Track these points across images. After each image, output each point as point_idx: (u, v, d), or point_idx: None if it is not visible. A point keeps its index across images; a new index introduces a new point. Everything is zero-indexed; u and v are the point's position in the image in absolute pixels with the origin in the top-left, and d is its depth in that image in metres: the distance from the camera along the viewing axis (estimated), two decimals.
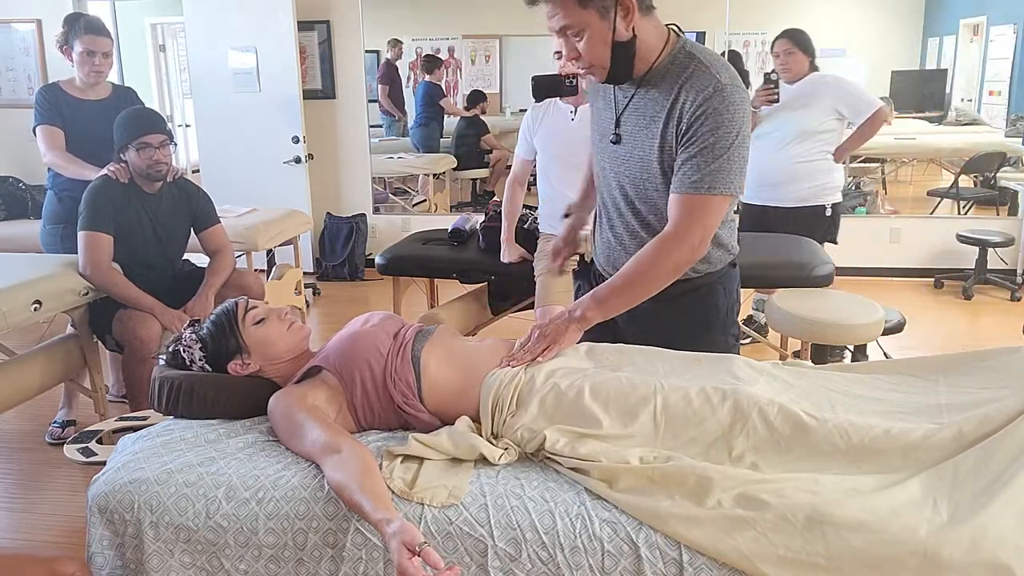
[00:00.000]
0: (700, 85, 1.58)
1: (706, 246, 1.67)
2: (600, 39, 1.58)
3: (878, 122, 3.53)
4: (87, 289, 2.78)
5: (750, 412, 1.42)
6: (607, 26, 1.57)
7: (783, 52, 3.59)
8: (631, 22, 1.58)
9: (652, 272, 1.67)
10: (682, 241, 1.63)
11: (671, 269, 1.67)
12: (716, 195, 1.60)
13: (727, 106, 1.57)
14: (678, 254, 1.64)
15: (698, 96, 1.58)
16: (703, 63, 1.61)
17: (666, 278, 1.68)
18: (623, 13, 1.56)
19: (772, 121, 3.64)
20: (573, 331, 1.68)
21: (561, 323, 1.68)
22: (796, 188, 3.65)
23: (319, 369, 1.63)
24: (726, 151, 1.58)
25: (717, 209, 1.63)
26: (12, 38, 5.61)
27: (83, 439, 2.03)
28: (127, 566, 1.43)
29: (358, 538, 1.35)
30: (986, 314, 4.78)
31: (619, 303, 1.70)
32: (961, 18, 5.66)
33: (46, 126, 3.16)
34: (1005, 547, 1.16)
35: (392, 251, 3.40)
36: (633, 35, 1.59)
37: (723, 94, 1.57)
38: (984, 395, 1.47)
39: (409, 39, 6.13)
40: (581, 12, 1.55)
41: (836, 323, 2.85)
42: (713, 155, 1.58)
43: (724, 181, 1.60)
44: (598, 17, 1.56)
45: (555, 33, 1.62)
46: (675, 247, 1.64)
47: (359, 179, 5.99)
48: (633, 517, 1.31)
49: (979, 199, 5.69)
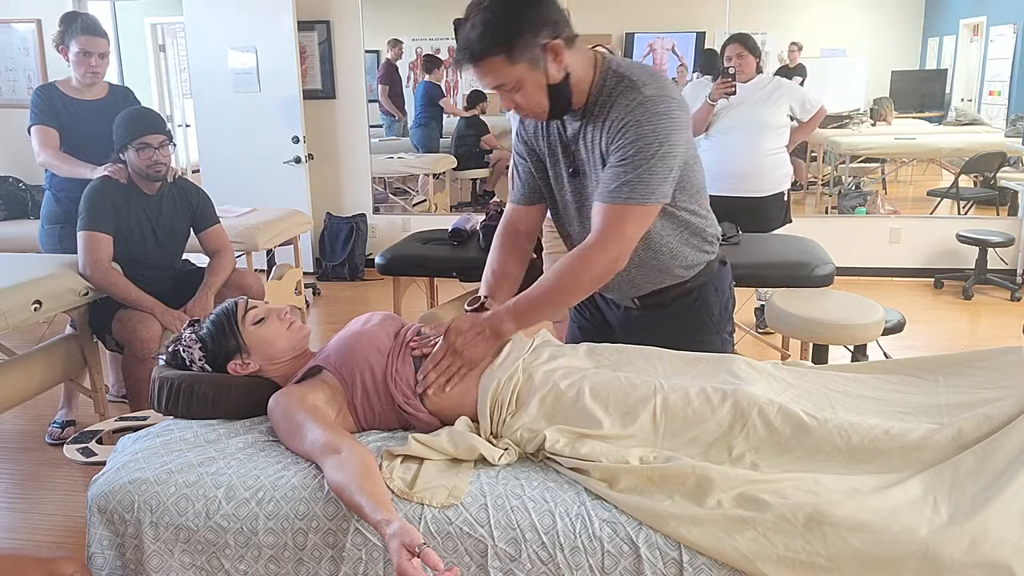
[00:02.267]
0: (625, 101, 1.57)
1: (626, 257, 1.63)
2: (536, 88, 1.58)
3: (819, 119, 4.11)
4: (87, 289, 2.77)
5: (750, 412, 1.42)
6: (540, 74, 1.56)
7: (735, 55, 3.90)
8: (561, 62, 1.57)
9: (572, 284, 1.64)
10: (601, 252, 1.60)
11: (590, 280, 1.64)
12: (634, 205, 1.57)
13: (648, 117, 1.55)
14: (597, 265, 1.61)
15: (623, 110, 1.57)
16: (629, 79, 1.59)
17: (586, 289, 1.66)
18: (552, 57, 1.55)
19: (733, 118, 3.93)
20: (485, 346, 1.60)
21: (471, 334, 1.60)
22: (766, 179, 4.01)
23: (319, 369, 1.63)
24: (647, 161, 1.55)
25: (637, 219, 1.60)
26: (12, 38, 5.61)
27: (83, 439, 2.03)
28: (127, 566, 1.43)
29: (358, 538, 1.35)
30: (986, 314, 4.78)
31: (537, 315, 1.66)
32: (961, 18, 5.66)
33: (41, 126, 3.15)
34: (1005, 547, 1.16)
35: (392, 251, 3.39)
36: (566, 73, 1.59)
37: (645, 106, 1.55)
38: (984, 395, 1.47)
39: (409, 39, 6.13)
40: (512, 69, 1.54)
41: (836, 323, 2.86)
42: (633, 165, 1.56)
43: (643, 191, 1.57)
44: (529, 69, 1.55)
45: (491, 90, 1.61)
46: (595, 258, 1.60)
47: (359, 179, 5.99)
48: (633, 517, 1.31)
49: (979, 199, 5.69)
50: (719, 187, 3.87)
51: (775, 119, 3.93)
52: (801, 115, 4.01)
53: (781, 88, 3.97)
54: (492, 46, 1.51)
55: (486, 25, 1.51)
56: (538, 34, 1.52)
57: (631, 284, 1.81)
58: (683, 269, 1.79)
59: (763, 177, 3.98)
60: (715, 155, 3.94)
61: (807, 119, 4.03)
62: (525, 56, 1.53)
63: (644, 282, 1.80)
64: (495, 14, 1.51)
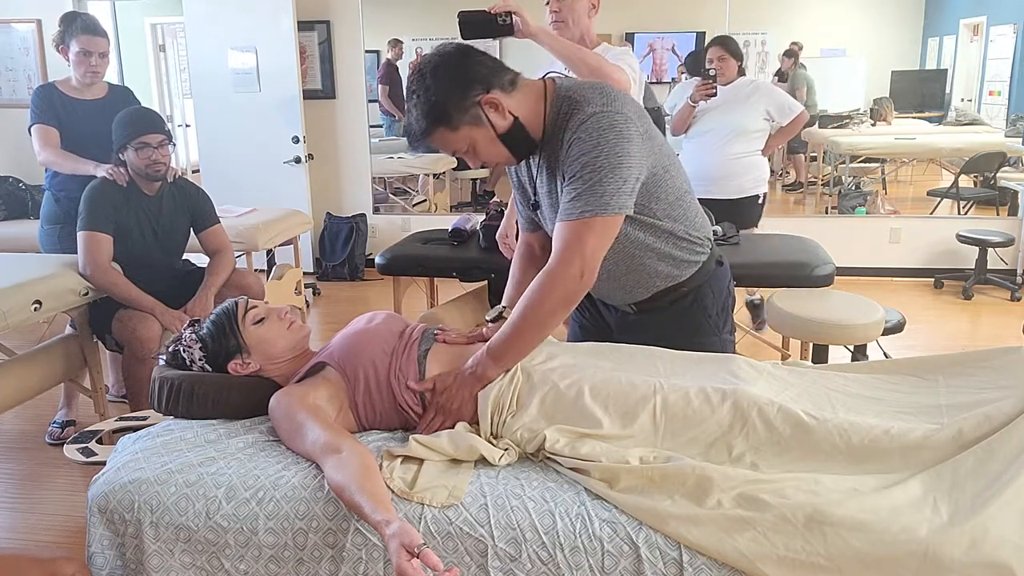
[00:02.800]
0: (574, 123, 1.57)
1: (592, 273, 1.58)
2: (487, 142, 1.60)
3: (800, 123, 4.06)
4: (87, 289, 2.77)
5: (750, 412, 1.42)
6: (487, 129, 1.58)
7: (716, 58, 3.93)
8: (504, 111, 1.58)
9: (542, 312, 1.59)
10: (564, 273, 1.57)
11: (560, 304, 1.59)
12: (589, 217, 1.56)
13: (590, 133, 1.54)
14: (562, 286, 1.58)
15: (569, 134, 1.57)
16: (575, 100, 1.59)
17: (559, 313, 1.62)
18: (492, 109, 1.57)
19: (709, 121, 3.97)
20: (467, 393, 1.58)
21: (455, 388, 1.58)
22: (737, 182, 4.01)
23: (322, 366, 1.63)
24: (595, 174, 1.54)
25: (596, 232, 1.57)
26: (12, 38, 5.61)
27: (83, 439, 2.03)
28: (127, 566, 1.43)
29: (358, 538, 1.35)
30: (986, 314, 4.78)
31: (516, 353, 1.61)
32: (961, 18, 5.66)
33: (41, 125, 3.16)
34: (1005, 547, 1.16)
35: (392, 251, 3.39)
36: (513, 118, 1.60)
37: (588, 123, 1.55)
38: (984, 395, 1.47)
39: (409, 39, 6.12)
40: (457, 135, 1.57)
41: (836, 323, 2.86)
42: (582, 180, 1.55)
43: (596, 203, 1.55)
44: (474, 127, 1.57)
45: (452, 155, 1.64)
46: (559, 280, 1.58)
47: (359, 179, 5.99)
48: (633, 517, 1.31)
49: (979, 199, 5.69)
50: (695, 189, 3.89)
51: (750, 123, 3.94)
52: (780, 118, 4.01)
53: (758, 91, 3.98)
54: (430, 122, 1.56)
55: (419, 108, 1.56)
56: (467, 96, 1.55)
57: (624, 291, 1.82)
58: (676, 270, 1.78)
59: (733, 180, 3.98)
60: (691, 156, 3.96)
61: (786, 123, 4.03)
62: (464, 119, 1.56)
63: (635, 287, 1.80)
64: (423, 95, 1.55)
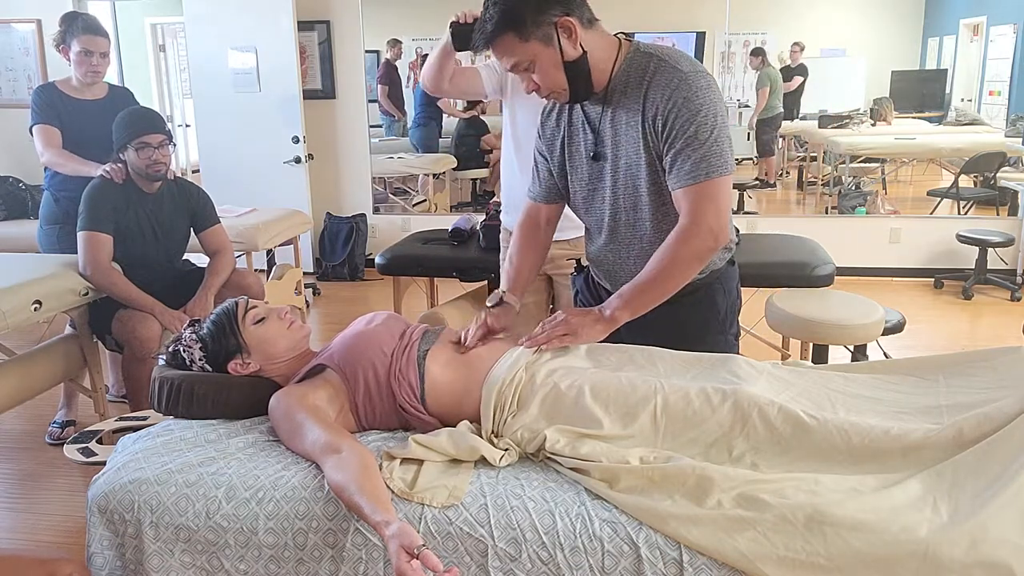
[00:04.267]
0: (664, 80, 1.60)
1: (726, 230, 1.66)
2: (551, 65, 1.61)
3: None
4: (87, 289, 2.78)
5: (750, 412, 1.42)
6: (554, 51, 1.59)
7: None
8: (576, 40, 1.60)
9: (676, 265, 1.65)
10: (699, 229, 1.62)
11: (694, 259, 1.66)
12: (715, 178, 1.61)
13: (695, 92, 1.58)
14: (698, 242, 1.63)
15: (665, 91, 1.60)
16: (662, 59, 1.62)
17: (691, 270, 1.68)
18: (566, 35, 1.59)
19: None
20: (598, 329, 1.67)
21: (589, 317, 1.67)
22: None
23: (322, 367, 1.63)
24: (709, 134, 1.59)
25: (721, 190, 1.63)
26: (12, 38, 5.61)
27: (83, 439, 2.03)
28: (127, 566, 1.43)
29: (358, 538, 1.35)
30: (986, 314, 4.78)
31: (646, 300, 1.68)
32: (961, 18, 5.66)
33: (43, 125, 3.16)
34: (1005, 547, 1.16)
35: (392, 251, 3.40)
36: (583, 51, 1.61)
37: (688, 82, 1.58)
38: (984, 395, 1.47)
39: (409, 39, 6.13)
40: (525, 47, 1.59)
41: (836, 323, 2.86)
42: (699, 142, 1.59)
43: (718, 163, 1.60)
44: (542, 46, 1.59)
45: (509, 70, 1.65)
46: (694, 236, 1.63)
47: (359, 179, 5.99)
48: (633, 517, 1.31)
49: (979, 199, 5.69)
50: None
51: None
52: None
53: None
54: (503, 24, 1.57)
55: (497, 7, 1.57)
56: (547, 11, 1.57)
57: None
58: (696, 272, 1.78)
59: None
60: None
61: None
62: (536, 33, 1.57)
63: None
64: None
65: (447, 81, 2.43)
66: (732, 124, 5.90)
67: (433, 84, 2.45)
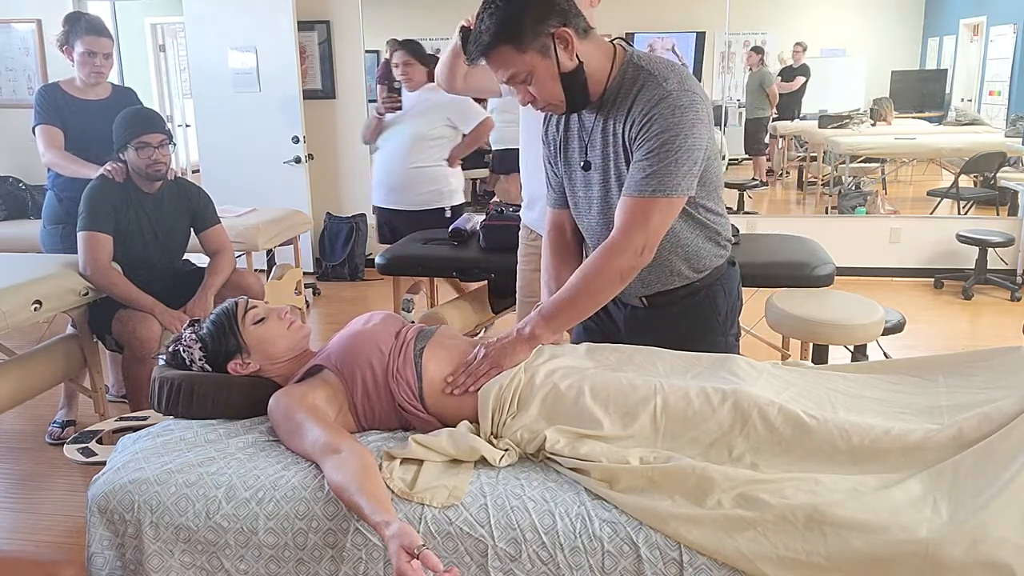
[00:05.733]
0: (648, 95, 1.59)
1: (652, 250, 1.63)
2: (548, 77, 1.60)
3: (485, 130, 3.89)
4: (87, 289, 2.78)
5: (750, 412, 1.42)
6: (551, 63, 1.58)
7: (402, 63, 3.75)
8: (573, 51, 1.59)
9: (598, 282, 1.64)
10: (625, 247, 1.61)
11: (616, 278, 1.64)
12: (660, 198, 1.59)
13: (672, 111, 1.57)
14: (622, 261, 1.62)
15: (646, 105, 1.59)
16: (651, 73, 1.61)
17: (613, 287, 1.66)
18: (563, 45, 1.57)
19: (391, 129, 3.84)
20: (520, 350, 1.63)
21: (508, 343, 1.63)
22: (417, 193, 3.86)
23: (320, 368, 1.63)
24: (671, 154, 1.57)
25: (662, 211, 1.61)
26: (12, 38, 5.61)
27: (83, 439, 2.03)
28: (127, 566, 1.43)
29: (358, 538, 1.35)
30: (986, 314, 4.78)
31: (568, 317, 1.67)
32: (961, 18, 5.66)
33: (45, 126, 3.16)
34: (1005, 547, 1.16)
35: (392, 251, 3.39)
36: (579, 62, 1.60)
37: (668, 100, 1.57)
38: (984, 395, 1.47)
39: None
40: (522, 58, 1.57)
41: (836, 323, 2.85)
42: (658, 158, 1.58)
43: (669, 184, 1.58)
44: (540, 57, 1.57)
45: (505, 83, 1.63)
46: (619, 254, 1.61)
47: (359, 179, 5.99)
48: (633, 517, 1.31)
49: (979, 199, 5.69)
50: (379, 198, 3.90)
51: (426, 130, 3.77)
52: (463, 126, 3.84)
53: (435, 96, 3.69)
54: (500, 36, 1.55)
55: (493, 18, 1.55)
56: (545, 21, 1.55)
57: (640, 282, 1.80)
58: (695, 272, 1.78)
59: (413, 190, 3.84)
60: (378, 166, 3.90)
61: (469, 131, 3.85)
62: (534, 44, 1.56)
63: (654, 281, 1.79)
64: (503, 6, 1.55)
65: (461, 80, 2.45)
66: (732, 124, 5.92)
67: (448, 84, 2.47)
